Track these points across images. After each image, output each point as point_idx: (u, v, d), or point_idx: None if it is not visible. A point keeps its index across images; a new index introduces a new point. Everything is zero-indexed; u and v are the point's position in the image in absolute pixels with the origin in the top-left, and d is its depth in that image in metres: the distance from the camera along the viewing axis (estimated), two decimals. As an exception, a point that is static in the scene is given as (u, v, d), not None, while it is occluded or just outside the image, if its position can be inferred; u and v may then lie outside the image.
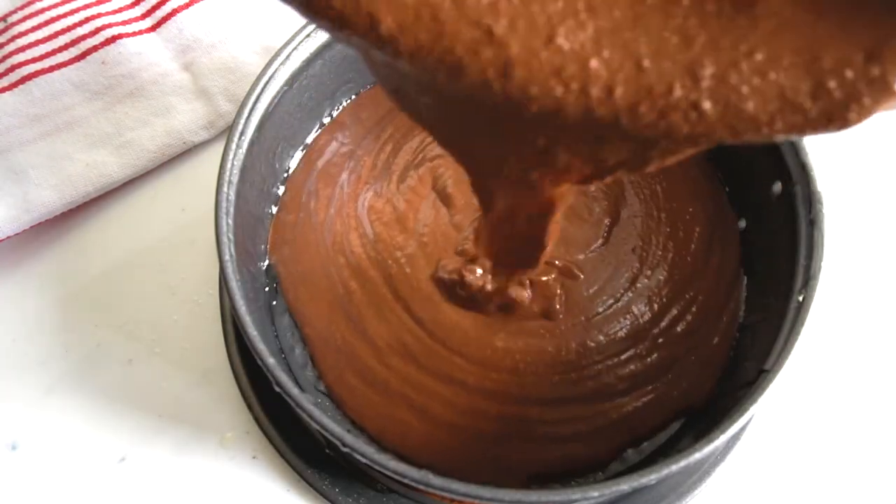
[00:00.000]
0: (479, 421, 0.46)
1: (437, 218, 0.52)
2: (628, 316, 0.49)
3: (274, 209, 0.52)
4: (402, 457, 0.44)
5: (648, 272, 0.50)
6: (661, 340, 0.48)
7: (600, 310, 0.49)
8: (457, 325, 0.48)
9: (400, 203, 0.52)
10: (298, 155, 0.53)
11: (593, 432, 0.45)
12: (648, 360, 0.47)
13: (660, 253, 0.51)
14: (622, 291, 0.49)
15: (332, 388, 0.47)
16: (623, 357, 0.47)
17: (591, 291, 0.49)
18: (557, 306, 0.49)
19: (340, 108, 0.55)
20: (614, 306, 0.49)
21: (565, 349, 0.48)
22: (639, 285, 0.50)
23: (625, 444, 0.45)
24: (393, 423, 0.45)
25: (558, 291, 0.49)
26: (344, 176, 0.53)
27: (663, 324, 0.48)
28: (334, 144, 0.54)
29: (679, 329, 0.48)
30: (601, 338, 0.48)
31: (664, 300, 0.49)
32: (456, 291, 0.49)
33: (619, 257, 0.51)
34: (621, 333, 0.48)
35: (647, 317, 0.49)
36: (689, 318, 0.48)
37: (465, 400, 0.46)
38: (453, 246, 0.51)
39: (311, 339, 0.48)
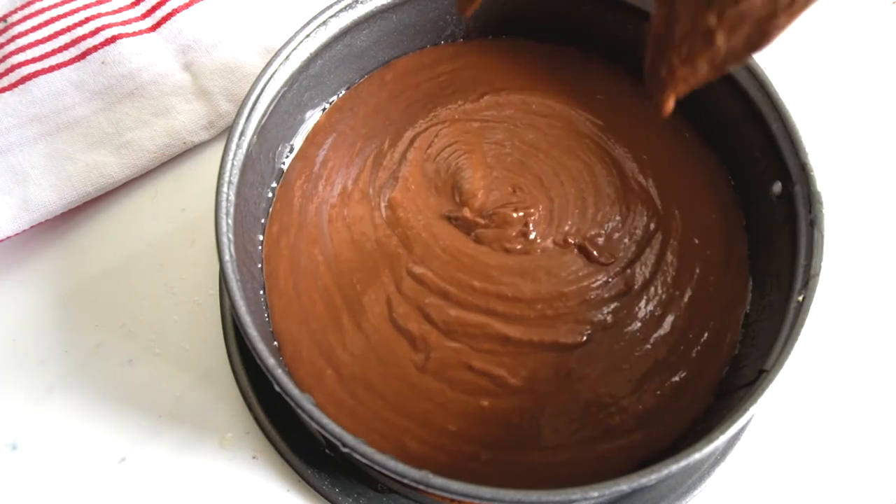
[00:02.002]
0: (471, 464, 0.42)
1: (383, 229, 0.50)
2: (650, 354, 0.46)
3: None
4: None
5: (679, 297, 0.48)
6: (676, 367, 0.46)
7: (622, 352, 0.46)
8: (422, 379, 0.45)
9: (357, 212, 0.50)
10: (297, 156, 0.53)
11: (601, 472, 0.43)
12: (660, 391, 0.45)
13: (686, 274, 0.49)
14: (652, 324, 0.47)
15: None
16: (635, 396, 0.45)
17: (626, 330, 0.47)
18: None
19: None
20: (639, 347, 0.46)
21: (574, 402, 0.45)
22: (668, 316, 0.47)
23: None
24: None
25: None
26: (320, 185, 0.51)
27: (680, 349, 0.46)
28: (312, 149, 0.53)
29: (693, 354, 0.46)
30: (618, 381, 0.45)
31: (685, 324, 0.47)
32: (417, 342, 0.46)
33: (658, 279, 0.49)
34: (638, 374, 0.46)
35: (665, 349, 0.46)
36: (704, 339, 0.47)
37: (451, 444, 0.43)
38: (404, 267, 0.48)
39: (284, 354, 0.46)
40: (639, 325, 0.47)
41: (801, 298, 0.41)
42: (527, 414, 0.44)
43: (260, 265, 0.48)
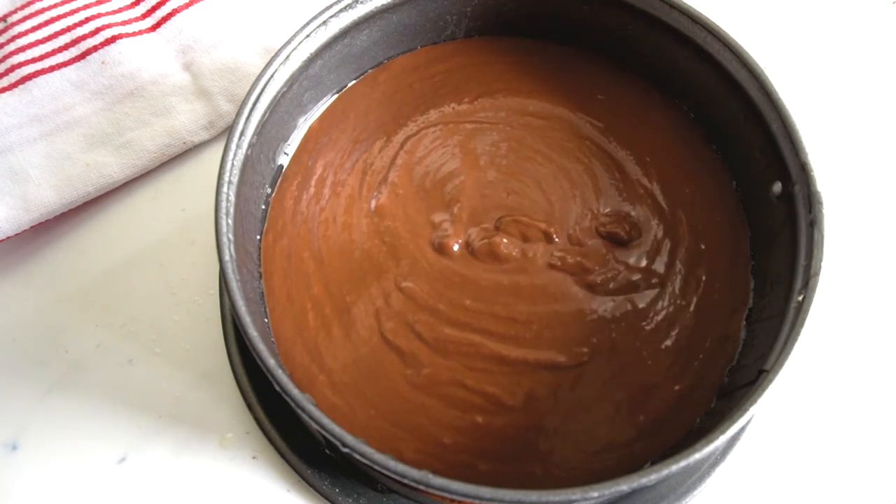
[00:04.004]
0: (467, 472, 0.42)
1: (371, 238, 0.49)
2: (652, 370, 0.45)
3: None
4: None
5: (685, 307, 0.47)
6: (679, 378, 0.45)
7: (624, 369, 0.45)
8: (414, 394, 0.44)
9: (346, 219, 0.49)
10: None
11: (599, 479, 0.41)
12: (661, 403, 0.44)
13: (692, 282, 0.48)
14: (656, 339, 0.46)
15: None
16: (637, 410, 0.44)
17: (629, 349, 0.46)
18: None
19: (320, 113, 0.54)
20: (643, 364, 0.45)
21: (572, 419, 0.44)
22: (674, 330, 0.46)
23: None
24: None
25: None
26: (311, 190, 0.51)
27: (683, 360, 0.46)
28: (305, 152, 0.52)
29: (696, 363, 0.46)
30: (619, 397, 0.44)
31: (690, 334, 0.46)
32: (405, 355, 0.45)
33: (666, 292, 0.47)
34: (640, 389, 0.45)
35: (667, 362, 0.46)
36: (707, 345, 0.46)
37: (447, 454, 0.42)
38: (392, 280, 0.47)
39: (282, 357, 0.46)
40: (643, 342, 0.46)
41: (801, 298, 0.41)
42: (523, 430, 0.43)
43: (259, 266, 0.48)
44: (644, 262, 0.49)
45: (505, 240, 0.48)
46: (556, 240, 0.49)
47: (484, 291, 0.47)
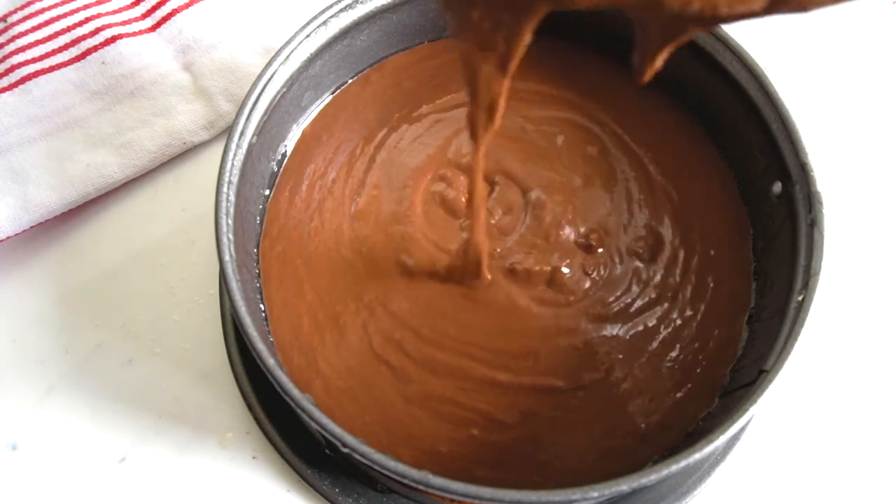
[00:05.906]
0: (465, 477, 0.40)
1: (352, 247, 0.48)
2: (655, 380, 0.45)
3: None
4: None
5: (693, 317, 0.46)
6: (681, 384, 0.44)
7: (627, 384, 0.44)
8: (407, 407, 0.44)
9: (332, 224, 0.49)
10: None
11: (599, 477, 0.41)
12: (662, 410, 0.44)
13: (701, 290, 0.47)
14: (662, 351, 0.45)
15: None
16: (638, 418, 0.44)
17: (634, 365, 0.45)
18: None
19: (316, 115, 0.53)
20: (647, 376, 0.45)
21: (572, 433, 0.43)
22: (679, 341, 0.46)
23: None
24: None
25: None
26: (302, 195, 0.50)
27: (686, 366, 0.45)
28: (298, 155, 0.51)
29: (699, 369, 0.45)
30: (621, 410, 0.44)
31: (693, 341, 0.46)
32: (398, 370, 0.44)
33: (676, 306, 0.47)
34: (642, 399, 0.44)
35: (671, 370, 0.45)
36: (709, 350, 0.46)
37: (443, 461, 0.42)
38: (374, 294, 0.46)
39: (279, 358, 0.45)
40: (649, 355, 0.46)
41: (801, 298, 0.41)
42: (521, 443, 0.43)
43: (258, 267, 0.48)
44: (660, 277, 0.47)
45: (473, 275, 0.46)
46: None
47: (467, 323, 0.45)
